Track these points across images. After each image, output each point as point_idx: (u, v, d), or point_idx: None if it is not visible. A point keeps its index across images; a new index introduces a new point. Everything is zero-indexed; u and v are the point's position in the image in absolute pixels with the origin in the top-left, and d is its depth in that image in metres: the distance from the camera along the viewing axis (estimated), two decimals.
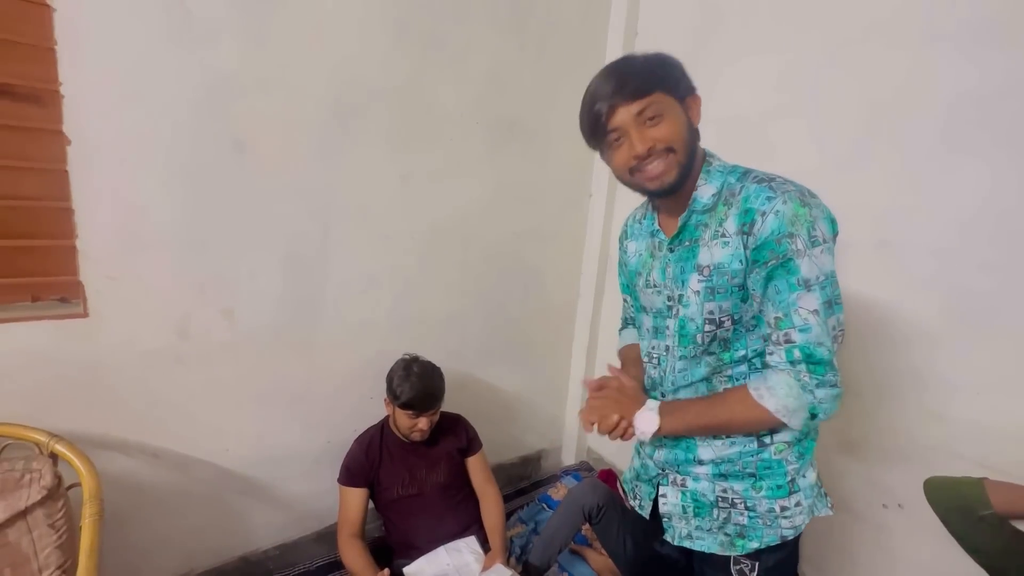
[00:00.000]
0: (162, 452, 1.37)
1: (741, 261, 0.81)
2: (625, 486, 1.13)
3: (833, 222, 0.81)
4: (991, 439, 1.23)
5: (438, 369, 1.61)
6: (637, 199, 2.08)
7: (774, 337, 0.80)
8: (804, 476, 0.91)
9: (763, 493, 0.90)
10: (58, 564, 1.06)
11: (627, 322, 1.22)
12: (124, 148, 1.20)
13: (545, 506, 2.04)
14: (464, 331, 1.93)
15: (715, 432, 0.91)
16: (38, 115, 1.12)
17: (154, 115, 1.22)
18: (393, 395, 1.53)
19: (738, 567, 0.95)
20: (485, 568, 1.48)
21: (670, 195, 0.88)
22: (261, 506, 1.59)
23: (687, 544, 0.98)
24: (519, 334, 2.12)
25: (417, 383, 1.52)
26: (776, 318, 0.78)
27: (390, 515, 1.62)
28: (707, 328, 0.87)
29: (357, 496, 1.56)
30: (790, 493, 0.90)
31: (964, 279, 1.25)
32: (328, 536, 1.74)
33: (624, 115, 0.81)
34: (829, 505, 0.96)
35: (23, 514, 1.04)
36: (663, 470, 1.00)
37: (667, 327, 0.94)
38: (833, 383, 0.78)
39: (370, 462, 1.59)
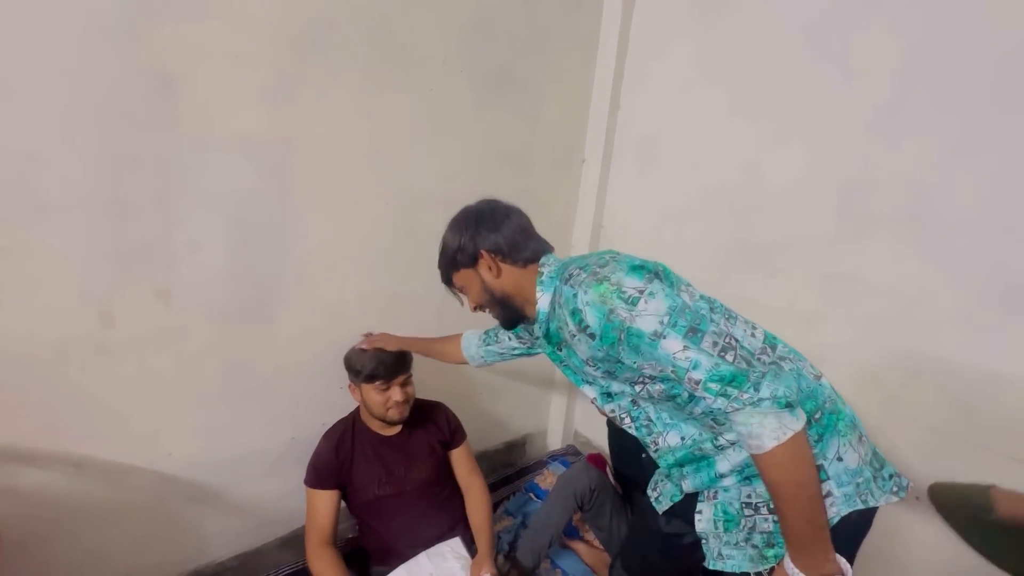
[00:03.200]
0: (86, 461, 1.14)
1: (600, 349, 0.84)
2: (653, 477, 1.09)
3: (638, 268, 0.80)
4: (1022, 432, 1.15)
5: None
6: (640, 166, 1.90)
7: (688, 387, 0.77)
8: (839, 460, 0.83)
9: None
10: None
11: (489, 333, 1.35)
12: (13, 82, 0.91)
13: (533, 495, 1.92)
14: (444, 309, 1.71)
15: (816, 506, 0.76)
16: None
17: (52, 40, 0.93)
18: (355, 372, 1.35)
19: None
20: None
21: (515, 327, 1.07)
22: (215, 513, 1.38)
23: (719, 566, 0.90)
24: None
25: (381, 351, 1.34)
26: (672, 371, 0.77)
27: (366, 518, 1.44)
28: (638, 388, 0.91)
29: (327, 499, 1.38)
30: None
31: (1004, 257, 1.13)
32: (295, 540, 1.56)
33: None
34: (893, 489, 0.86)
35: None
36: (700, 494, 0.95)
37: (620, 403, 0.99)
38: (759, 375, 0.73)
39: (340, 461, 1.40)
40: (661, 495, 1.03)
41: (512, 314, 1.01)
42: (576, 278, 0.83)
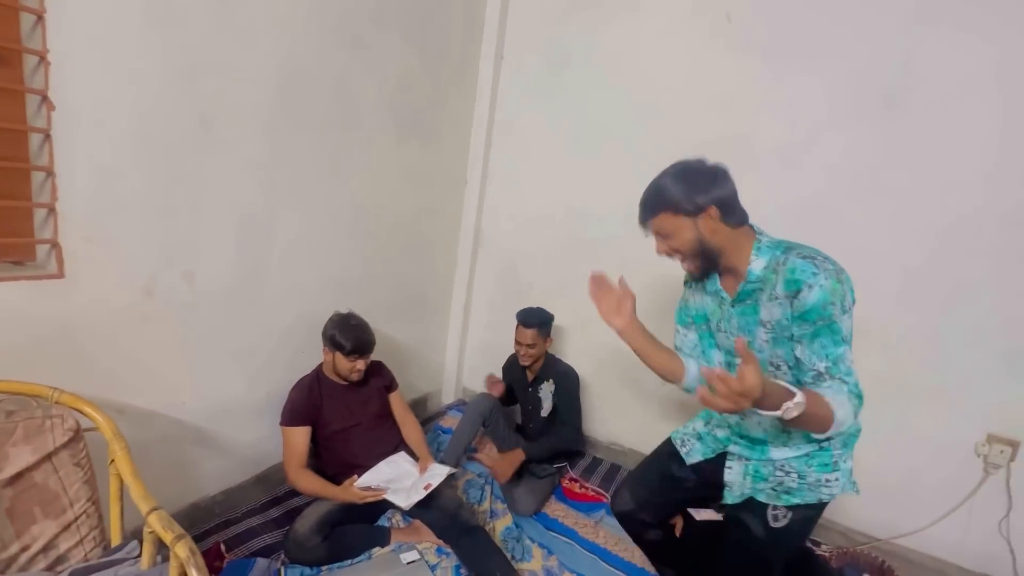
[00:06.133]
0: (127, 408, 1.43)
1: (788, 318, 1.03)
2: (675, 436, 1.40)
3: (852, 292, 1.01)
4: None
5: (366, 321, 1.95)
6: (507, 186, 2.64)
7: (825, 376, 0.99)
8: (845, 462, 1.14)
9: (813, 467, 1.13)
10: (88, 497, 1.16)
11: (677, 350, 1.36)
12: (102, 116, 1.25)
13: (440, 432, 2.54)
14: (373, 292, 2.27)
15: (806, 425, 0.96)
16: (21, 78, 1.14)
17: (129, 87, 1.29)
18: (337, 345, 1.82)
19: (774, 512, 1.16)
20: (422, 470, 1.92)
21: (704, 279, 1.19)
22: (210, 455, 1.72)
23: (738, 500, 1.20)
24: (412, 294, 2.54)
25: (360, 334, 1.85)
26: (827, 367, 1.00)
27: (332, 444, 1.91)
28: (769, 369, 1.10)
29: (302, 433, 1.82)
30: (833, 470, 1.12)
31: None
32: (264, 478, 1.94)
33: (650, 230, 1.16)
34: (856, 490, 1.16)
35: (48, 457, 1.11)
36: (733, 454, 1.23)
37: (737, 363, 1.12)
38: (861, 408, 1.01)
39: (312, 403, 1.85)
40: (691, 451, 1.32)
41: (712, 266, 1.13)
42: (823, 264, 0.99)
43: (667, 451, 1.38)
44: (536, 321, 2.13)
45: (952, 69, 1.68)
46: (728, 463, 1.22)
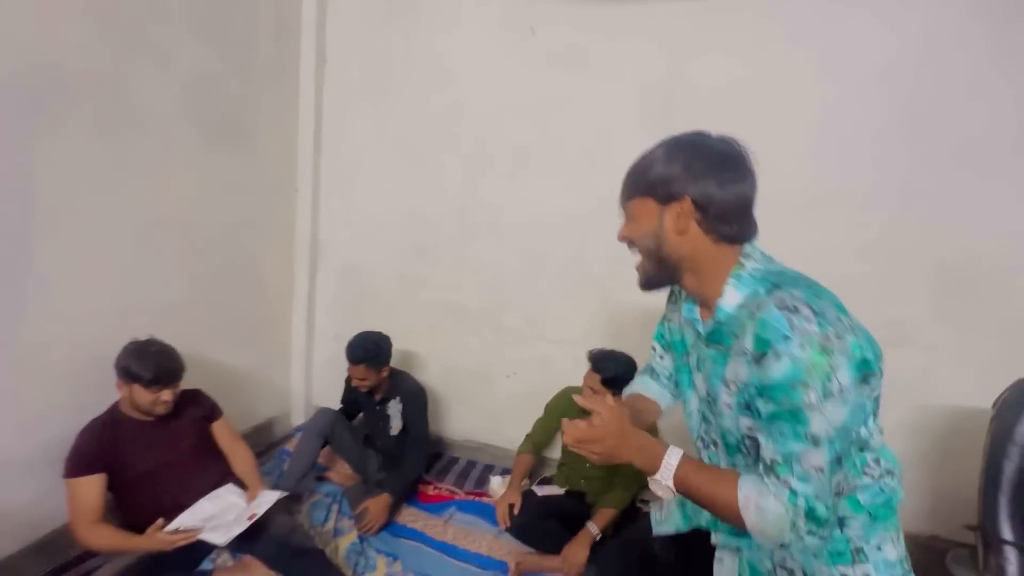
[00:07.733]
0: None
1: (753, 386, 0.76)
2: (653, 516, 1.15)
3: (862, 363, 0.69)
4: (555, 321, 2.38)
5: (172, 347, 1.76)
6: (343, 193, 2.56)
7: (771, 475, 0.72)
8: (878, 548, 0.82)
9: (823, 560, 0.83)
10: None
11: (644, 371, 1.13)
12: None
13: (286, 456, 2.37)
14: (187, 315, 2.04)
15: (697, 504, 0.80)
16: None
17: None
18: (134, 376, 1.60)
19: None
20: (251, 499, 1.77)
21: (652, 290, 0.89)
22: None
23: None
24: (241, 314, 2.34)
25: (161, 360, 1.65)
26: (774, 461, 0.72)
27: (137, 490, 1.66)
28: (748, 443, 0.80)
29: (94, 483, 1.56)
30: (854, 562, 0.81)
31: (528, 244, 2.33)
32: (48, 544, 1.65)
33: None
34: None
35: None
36: (722, 545, 0.98)
37: (712, 423, 0.89)
38: (824, 536, 0.72)
39: (103, 447, 1.60)
40: (665, 519, 1.05)
41: (663, 278, 0.86)
42: (803, 324, 0.69)
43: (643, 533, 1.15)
44: (362, 356, 2.01)
45: (713, 85, 1.99)
46: (718, 556, 0.97)
